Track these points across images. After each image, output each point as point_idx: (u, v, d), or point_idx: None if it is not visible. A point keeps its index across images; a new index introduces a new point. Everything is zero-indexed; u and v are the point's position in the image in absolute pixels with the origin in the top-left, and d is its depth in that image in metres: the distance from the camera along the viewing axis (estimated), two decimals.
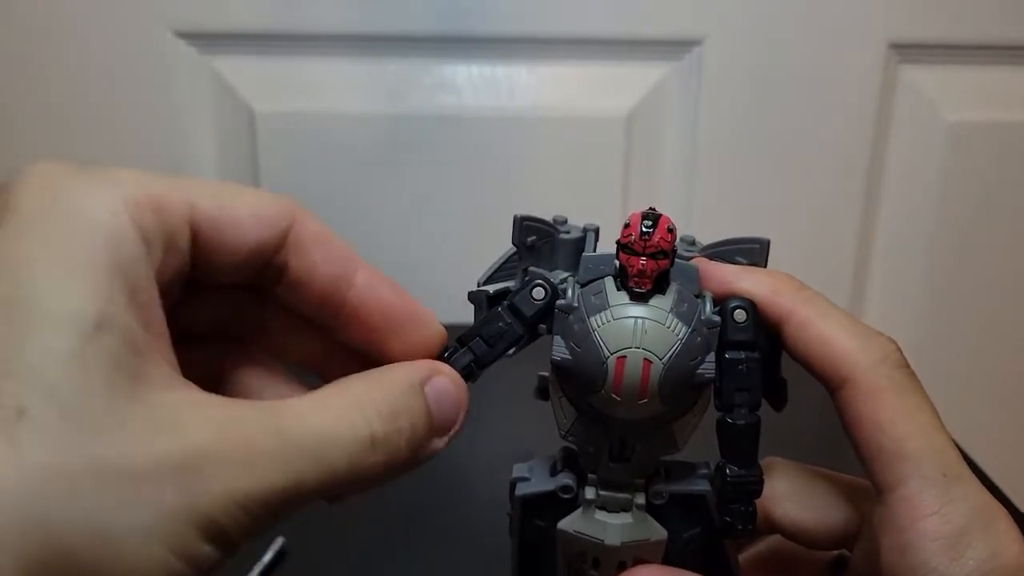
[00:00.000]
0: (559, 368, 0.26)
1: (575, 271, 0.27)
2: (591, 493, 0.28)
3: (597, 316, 0.25)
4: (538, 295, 0.27)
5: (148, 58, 0.71)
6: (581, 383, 0.26)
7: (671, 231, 0.24)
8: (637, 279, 0.24)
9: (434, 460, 0.24)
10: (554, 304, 0.26)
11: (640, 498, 0.28)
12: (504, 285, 0.28)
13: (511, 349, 0.27)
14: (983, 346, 0.81)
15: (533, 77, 0.73)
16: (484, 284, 0.28)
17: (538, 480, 0.29)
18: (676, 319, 0.25)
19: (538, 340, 0.28)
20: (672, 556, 0.29)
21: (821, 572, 0.30)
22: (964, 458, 0.25)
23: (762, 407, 0.27)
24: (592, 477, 0.28)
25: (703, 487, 0.28)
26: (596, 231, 0.29)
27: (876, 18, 0.72)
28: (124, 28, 0.70)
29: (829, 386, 0.26)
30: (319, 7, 0.70)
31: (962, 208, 0.77)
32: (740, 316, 0.26)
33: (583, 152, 0.74)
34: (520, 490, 0.29)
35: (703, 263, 0.27)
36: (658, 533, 0.29)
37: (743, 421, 0.26)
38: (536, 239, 0.28)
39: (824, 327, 0.25)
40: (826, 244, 0.77)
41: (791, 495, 0.28)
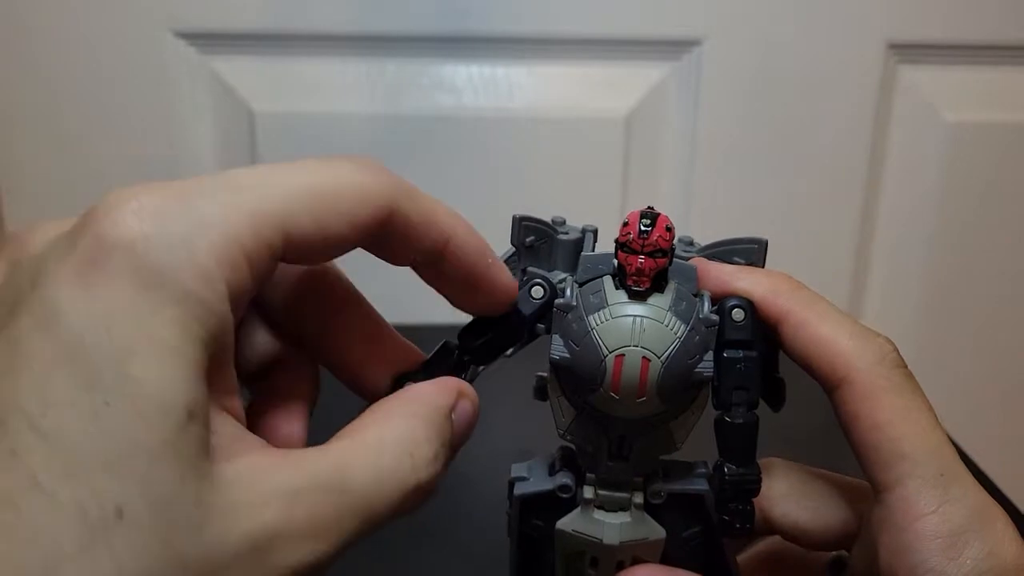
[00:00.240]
0: (558, 367, 0.26)
1: (573, 272, 0.27)
2: (589, 492, 0.28)
3: (596, 315, 0.25)
4: (537, 294, 0.27)
5: (148, 58, 0.71)
6: (579, 382, 0.26)
7: (669, 230, 0.24)
8: (635, 277, 0.24)
9: None
10: (553, 303, 0.26)
11: (638, 497, 0.28)
12: None
13: (509, 349, 0.27)
14: (982, 346, 0.81)
15: (532, 77, 0.73)
16: None
17: (536, 480, 0.29)
18: (674, 317, 0.25)
19: (536, 340, 0.28)
20: (671, 556, 0.29)
21: (820, 572, 0.30)
22: (963, 458, 0.25)
23: (760, 407, 0.27)
24: (590, 476, 0.28)
25: (702, 486, 0.28)
26: (595, 232, 0.29)
27: (875, 18, 0.72)
28: (124, 28, 0.70)
29: (826, 386, 0.26)
30: (318, 7, 0.70)
31: (961, 208, 0.77)
32: (738, 315, 0.26)
33: (582, 152, 0.74)
34: (518, 490, 0.29)
35: (701, 263, 0.27)
36: (656, 532, 0.29)
37: (741, 420, 0.26)
38: (535, 239, 0.28)
39: (822, 327, 0.25)
40: (825, 244, 0.77)
41: (789, 495, 0.28)
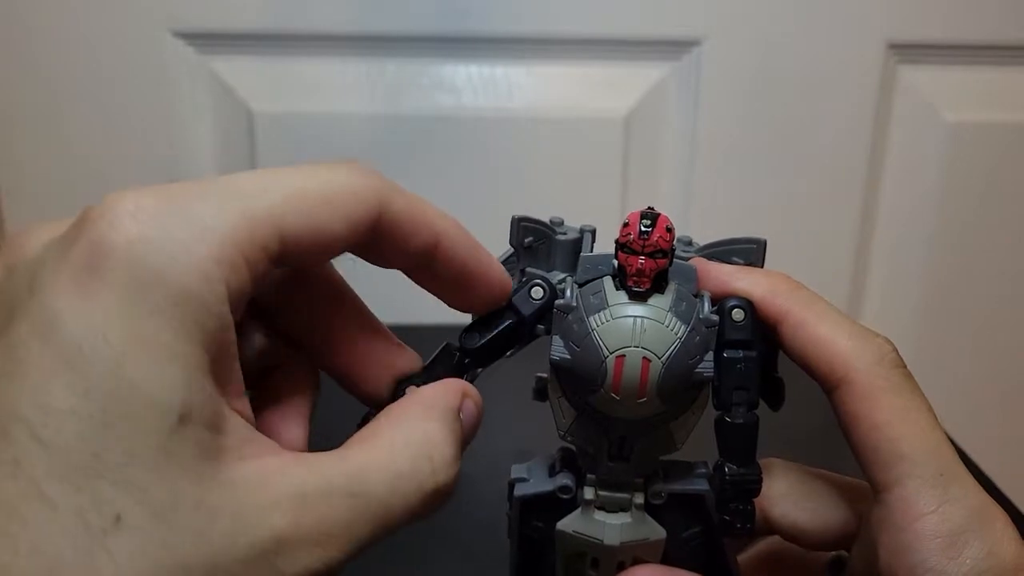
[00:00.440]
0: (558, 368, 0.26)
1: (572, 272, 0.27)
2: (590, 493, 0.28)
3: (596, 315, 0.25)
4: (537, 294, 0.27)
5: (147, 58, 0.71)
6: (580, 383, 0.26)
7: (669, 230, 0.24)
8: (636, 278, 0.24)
9: None
10: (553, 304, 0.26)
11: (639, 498, 0.28)
12: None
13: (510, 350, 0.27)
14: (982, 346, 0.81)
15: (532, 77, 0.73)
16: None
17: (537, 481, 0.29)
18: (675, 318, 0.25)
19: (536, 341, 0.28)
20: (671, 556, 0.29)
21: (819, 572, 0.30)
22: (963, 458, 0.25)
23: (760, 407, 0.27)
24: (591, 477, 0.28)
25: (702, 486, 0.28)
26: (593, 232, 0.29)
27: (875, 18, 0.72)
28: (123, 28, 0.70)
29: (825, 386, 0.26)
30: (318, 7, 0.70)
31: (961, 208, 0.77)
32: (738, 315, 0.26)
33: (582, 152, 0.74)
34: (519, 491, 0.29)
35: (701, 263, 0.27)
36: (657, 533, 0.29)
37: (741, 420, 0.26)
38: (533, 240, 0.28)
39: (821, 327, 0.25)
40: (825, 244, 0.77)
41: (789, 496, 0.28)
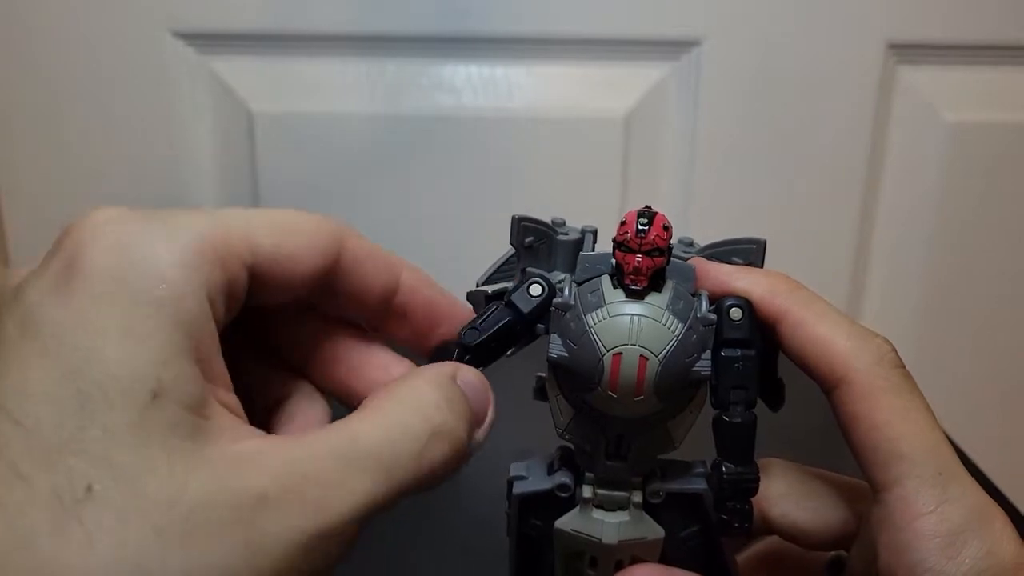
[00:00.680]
0: (556, 366, 0.26)
1: (573, 272, 0.27)
2: (588, 492, 0.28)
3: (593, 313, 0.25)
4: (535, 291, 0.27)
5: (147, 58, 0.71)
6: (577, 380, 0.26)
7: (667, 229, 0.25)
8: (633, 276, 0.25)
9: None
10: (551, 302, 0.26)
11: (637, 496, 0.28)
12: (502, 285, 0.28)
13: (510, 349, 0.27)
14: (982, 346, 0.81)
15: (532, 77, 0.73)
16: (483, 285, 0.28)
17: (535, 479, 0.29)
18: (672, 316, 0.25)
19: (537, 340, 0.28)
20: (669, 555, 0.29)
21: (819, 572, 0.30)
22: (962, 458, 0.25)
23: (760, 407, 0.27)
24: (589, 476, 0.28)
25: (700, 486, 0.28)
26: (594, 233, 0.29)
27: (874, 18, 0.72)
28: (123, 28, 0.70)
29: (825, 386, 0.26)
30: (318, 7, 0.70)
31: (960, 209, 0.77)
32: (736, 314, 0.26)
33: (581, 152, 0.74)
34: (517, 489, 0.29)
35: (700, 263, 0.27)
36: (655, 532, 0.29)
37: (739, 419, 0.26)
38: (534, 240, 0.28)
39: (820, 327, 0.25)
40: (824, 244, 0.77)
41: (788, 496, 0.28)
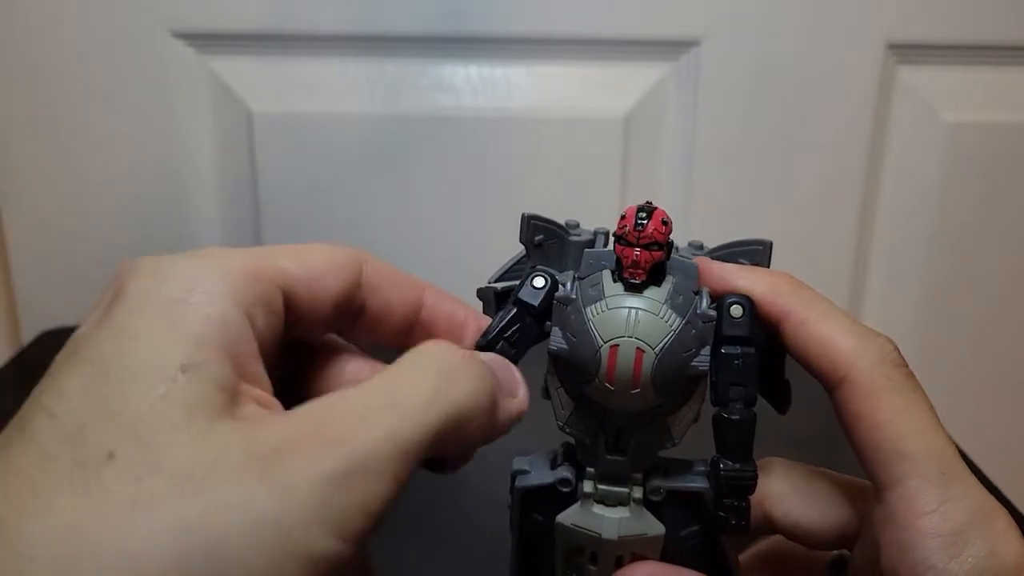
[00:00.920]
0: (556, 358, 0.27)
1: None
2: (589, 487, 0.28)
3: (593, 306, 0.25)
4: (538, 283, 0.27)
5: (146, 58, 0.71)
6: (576, 372, 0.26)
7: (666, 223, 0.25)
8: (631, 270, 0.25)
9: None
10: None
11: (637, 492, 0.28)
12: (512, 283, 0.28)
13: (526, 348, 0.28)
14: (982, 346, 0.81)
15: (531, 78, 0.73)
16: (493, 283, 0.29)
17: (538, 473, 0.29)
18: (670, 310, 0.25)
19: (542, 343, 0.28)
20: (670, 553, 0.29)
21: (821, 572, 0.30)
22: (963, 458, 0.25)
23: (765, 407, 0.27)
24: (590, 471, 0.28)
25: (701, 484, 0.28)
26: (606, 235, 0.30)
27: (874, 18, 0.72)
28: (122, 28, 0.70)
29: (827, 385, 0.26)
30: (317, 7, 0.70)
31: (960, 209, 0.77)
32: (736, 311, 0.26)
33: (581, 153, 0.74)
34: (520, 482, 0.29)
35: (704, 261, 0.27)
36: (655, 528, 0.29)
37: (738, 416, 0.26)
38: (543, 238, 0.29)
39: (822, 326, 0.26)
40: (824, 245, 0.78)
41: (791, 495, 0.28)
